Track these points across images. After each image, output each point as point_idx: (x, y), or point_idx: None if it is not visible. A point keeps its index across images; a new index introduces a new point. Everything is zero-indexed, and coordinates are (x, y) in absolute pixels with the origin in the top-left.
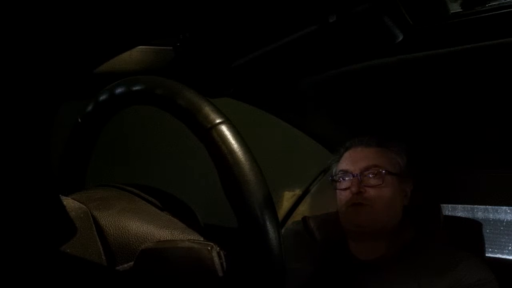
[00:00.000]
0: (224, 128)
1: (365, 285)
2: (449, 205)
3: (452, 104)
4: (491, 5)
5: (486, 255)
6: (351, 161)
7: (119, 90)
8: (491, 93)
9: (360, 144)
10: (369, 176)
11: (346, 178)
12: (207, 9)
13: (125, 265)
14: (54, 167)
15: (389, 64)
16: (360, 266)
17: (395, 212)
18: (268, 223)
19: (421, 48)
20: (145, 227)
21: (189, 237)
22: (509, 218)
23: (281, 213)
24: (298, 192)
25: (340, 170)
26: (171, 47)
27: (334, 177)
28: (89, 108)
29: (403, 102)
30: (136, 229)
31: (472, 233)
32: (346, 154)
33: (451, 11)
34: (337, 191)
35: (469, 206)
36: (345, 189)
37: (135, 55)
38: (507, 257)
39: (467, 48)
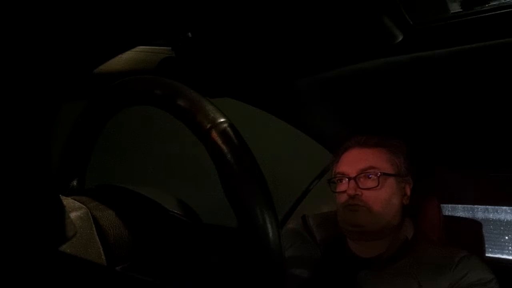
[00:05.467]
0: (224, 128)
1: (365, 282)
2: (449, 205)
3: (452, 104)
4: (491, 5)
5: (486, 255)
6: (348, 163)
7: (119, 90)
8: (491, 93)
9: (357, 145)
10: (366, 178)
11: (343, 181)
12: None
13: (125, 265)
14: (54, 167)
15: (389, 64)
16: (360, 263)
17: (394, 213)
18: (268, 223)
19: (421, 48)
20: (145, 227)
21: (189, 237)
22: (509, 218)
23: (281, 213)
24: (298, 192)
25: (337, 172)
26: (170, 47)
27: (332, 179)
28: (89, 108)
29: (403, 102)
30: (136, 229)
31: (472, 233)
32: (344, 156)
33: (451, 11)
34: (336, 193)
35: (469, 206)
36: (342, 191)
37: (134, 55)
38: (507, 257)
39: (467, 48)
